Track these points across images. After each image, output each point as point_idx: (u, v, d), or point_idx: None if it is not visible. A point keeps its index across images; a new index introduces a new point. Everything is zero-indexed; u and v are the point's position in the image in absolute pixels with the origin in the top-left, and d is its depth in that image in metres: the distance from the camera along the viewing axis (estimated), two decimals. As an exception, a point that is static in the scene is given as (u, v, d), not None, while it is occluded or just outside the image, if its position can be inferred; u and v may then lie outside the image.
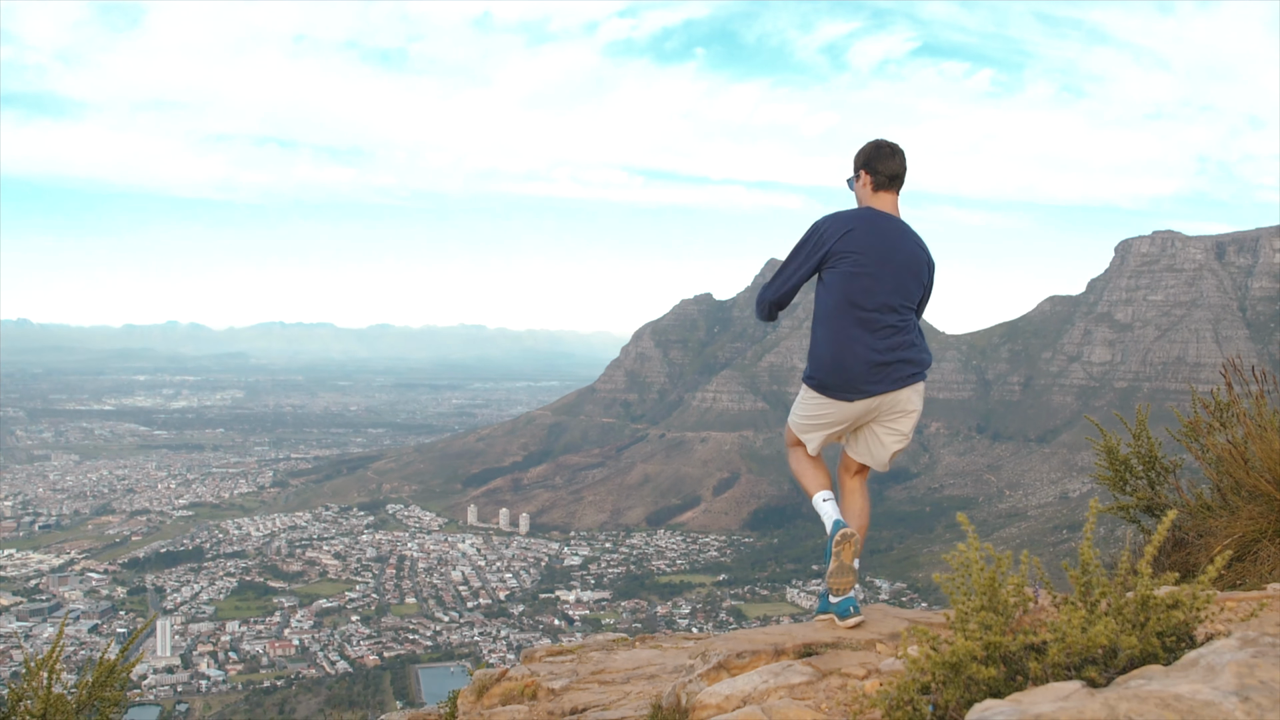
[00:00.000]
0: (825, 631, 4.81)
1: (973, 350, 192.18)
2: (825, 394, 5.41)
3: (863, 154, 5.48)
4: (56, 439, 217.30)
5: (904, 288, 5.35)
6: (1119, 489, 6.16)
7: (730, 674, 4.14)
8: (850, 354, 5.27)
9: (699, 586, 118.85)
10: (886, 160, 5.40)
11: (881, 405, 5.37)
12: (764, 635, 4.70)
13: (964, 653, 2.76)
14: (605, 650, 6.19)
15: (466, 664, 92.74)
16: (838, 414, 5.45)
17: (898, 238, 5.35)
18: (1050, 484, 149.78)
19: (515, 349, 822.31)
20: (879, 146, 5.43)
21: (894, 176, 5.42)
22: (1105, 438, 6.08)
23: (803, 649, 4.43)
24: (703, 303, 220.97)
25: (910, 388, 5.39)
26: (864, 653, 4.42)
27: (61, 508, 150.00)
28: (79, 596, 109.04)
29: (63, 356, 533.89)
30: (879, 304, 5.28)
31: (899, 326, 5.34)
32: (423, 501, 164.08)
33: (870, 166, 5.43)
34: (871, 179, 5.45)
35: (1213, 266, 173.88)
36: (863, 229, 5.28)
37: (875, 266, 5.25)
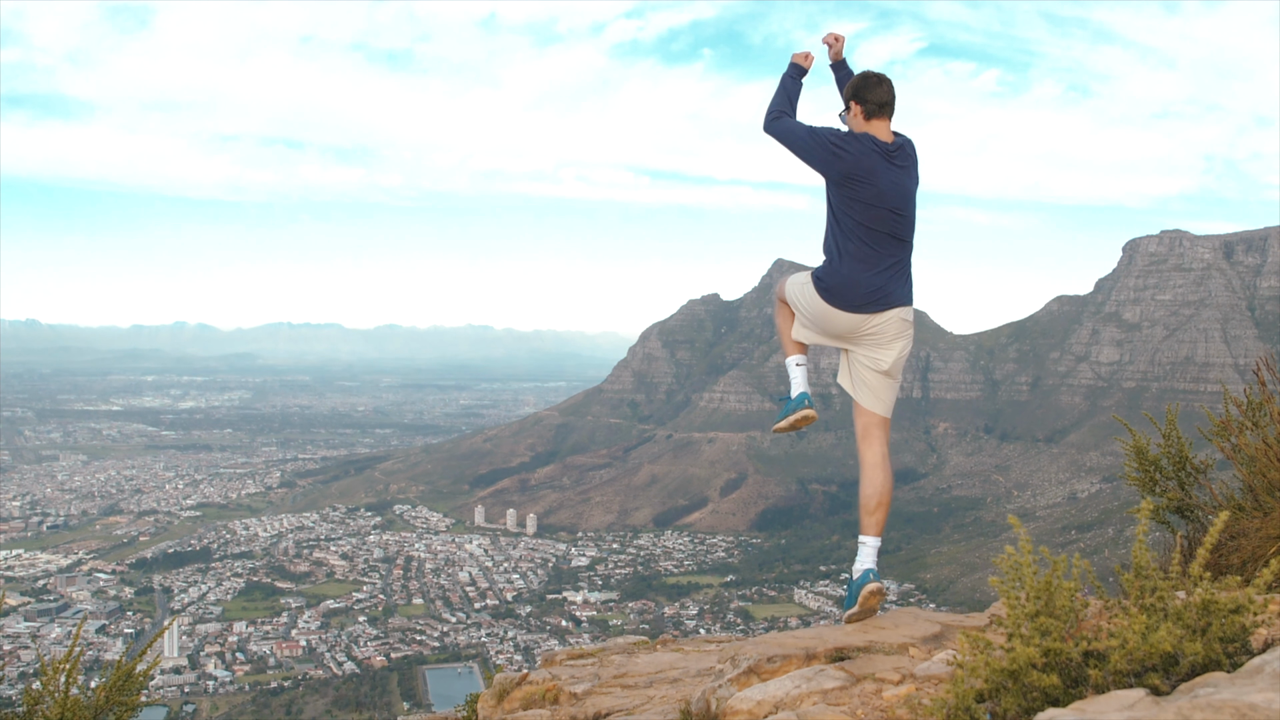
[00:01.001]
0: (857, 635, 4.73)
1: (980, 350, 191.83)
2: (826, 298, 5.66)
3: (851, 86, 5.68)
4: (64, 439, 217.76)
5: (909, 221, 5.62)
6: (1148, 490, 6.05)
7: (761, 679, 4.06)
8: (857, 274, 5.54)
9: (706, 587, 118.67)
10: (874, 89, 5.60)
11: (865, 327, 5.64)
12: (794, 639, 4.61)
13: (1024, 660, 2.67)
14: (626, 653, 6.10)
15: (474, 665, 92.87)
16: (828, 321, 5.72)
17: (903, 176, 5.58)
18: (1059, 484, 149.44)
19: (522, 349, 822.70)
20: (865, 76, 5.66)
21: (883, 104, 5.61)
22: (1134, 438, 5.97)
23: (835, 653, 4.34)
24: (710, 303, 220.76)
25: (896, 315, 5.62)
26: (897, 657, 4.33)
27: (69, 508, 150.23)
28: (87, 597, 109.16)
29: (71, 357, 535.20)
30: (888, 234, 5.55)
31: (900, 258, 5.64)
32: (430, 502, 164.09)
33: (859, 97, 5.63)
34: (862, 108, 5.63)
35: (1221, 266, 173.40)
36: (882, 166, 5.50)
37: (889, 200, 5.49)
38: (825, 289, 5.63)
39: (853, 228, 5.52)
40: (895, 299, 5.59)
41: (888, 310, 5.58)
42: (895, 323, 5.61)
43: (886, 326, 5.61)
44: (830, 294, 5.61)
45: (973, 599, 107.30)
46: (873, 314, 5.57)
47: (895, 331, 5.65)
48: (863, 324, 5.62)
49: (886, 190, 5.47)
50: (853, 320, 5.62)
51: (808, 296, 5.77)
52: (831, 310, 5.64)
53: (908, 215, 5.58)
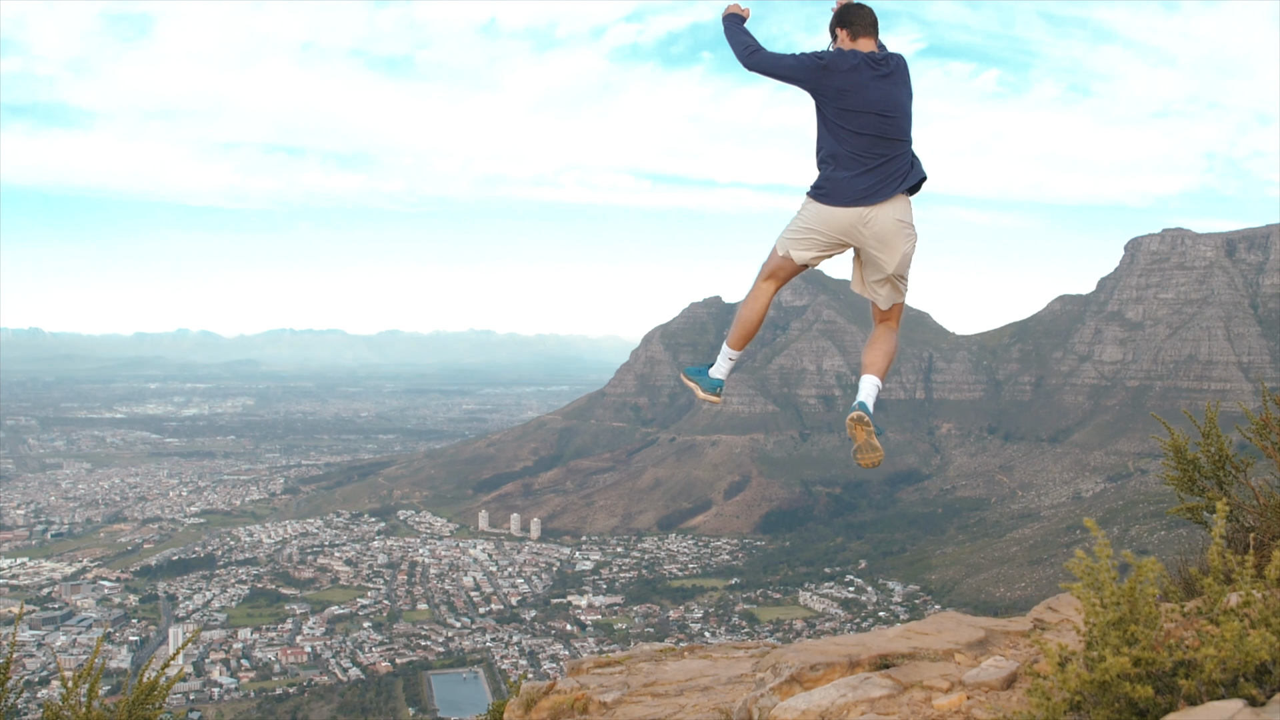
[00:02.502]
0: (900, 641, 4.63)
1: (983, 351, 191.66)
2: (825, 201, 5.95)
3: (835, 16, 6.15)
4: (68, 447, 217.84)
5: (897, 123, 5.91)
6: (1187, 489, 5.95)
7: (804, 687, 3.96)
8: (850, 176, 5.87)
9: (711, 590, 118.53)
10: (856, 12, 6.07)
11: (865, 226, 5.93)
12: (835, 645, 4.51)
13: (1116, 670, 2.57)
14: (654, 661, 6.00)
15: (479, 670, 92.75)
16: (829, 221, 5.98)
17: (887, 82, 5.92)
18: (1063, 484, 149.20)
19: (525, 354, 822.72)
20: (846, 6, 6.11)
21: (869, 24, 6.06)
22: (1173, 436, 5.86)
23: (879, 660, 4.24)
24: (712, 305, 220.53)
25: (892, 215, 5.91)
26: (944, 664, 4.22)
27: (73, 516, 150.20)
28: (91, 604, 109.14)
29: (74, 365, 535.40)
30: (876, 136, 5.86)
31: (890, 155, 5.89)
32: (434, 507, 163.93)
33: (844, 21, 6.08)
34: (848, 31, 6.06)
35: (1223, 264, 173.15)
36: (866, 73, 5.86)
37: (876, 105, 5.83)
38: (823, 194, 5.96)
39: (844, 135, 5.85)
40: (890, 191, 5.87)
41: (884, 202, 5.87)
42: (892, 223, 5.90)
43: (885, 226, 5.90)
44: (828, 196, 5.93)
45: (978, 600, 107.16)
46: (870, 206, 5.86)
47: (894, 230, 5.94)
48: (860, 219, 5.90)
49: (873, 95, 5.82)
50: (851, 215, 5.91)
51: (806, 213, 6.08)
52: (831, 210, 5.93)
53: (895, 117, 5.88)
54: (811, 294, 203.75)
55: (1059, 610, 5.36)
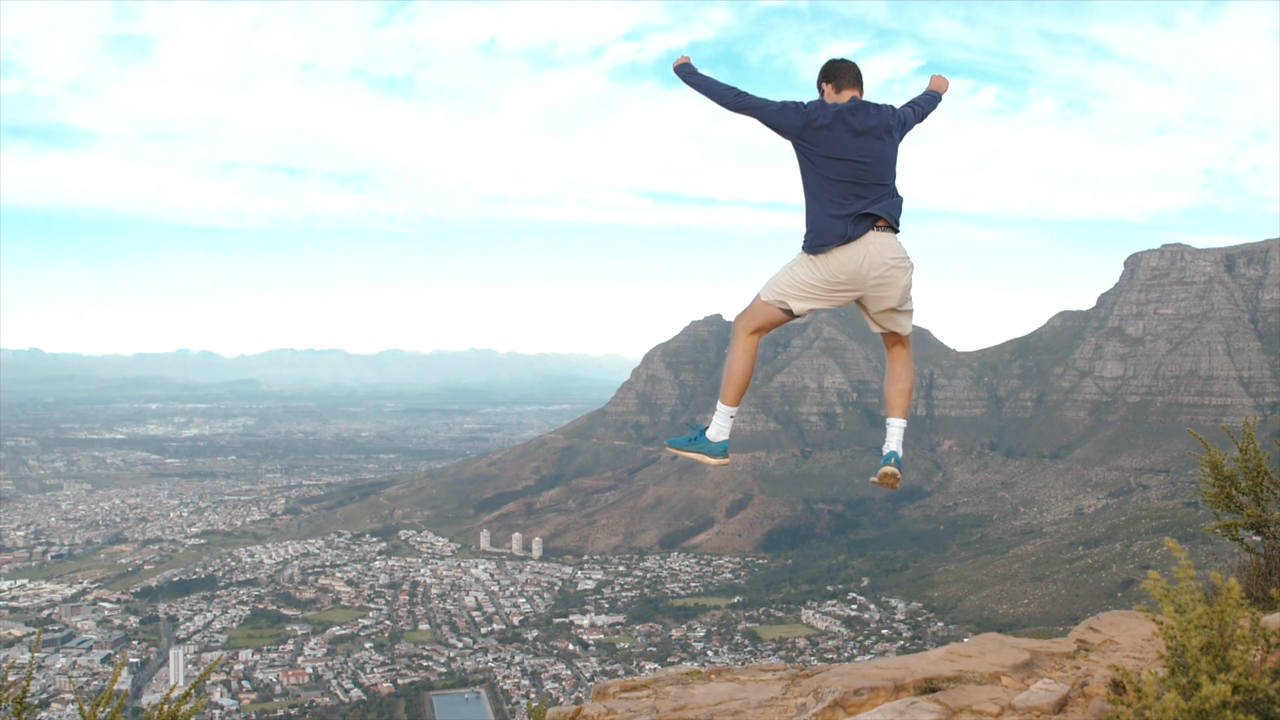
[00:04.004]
0: (944, 664, 4.53)
1: (984, 367, 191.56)
2: (821, 251, 6.19)
3: (821, 73, 6.50)
4: (68, 468, 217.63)
5: (874, 168, 6.18)
6: (1223, 506, 5.85)
7: (848, 713, 3.87)
8: (833, 220, 6.14)
9: (714, 609, 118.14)
10: (840, 67, 6.40)
11: (863, 271, 6.16)
12: (878, 669, 4.41)
13: (1217, 699, 2.43)
14: (681, 684, 5.90)
15: (481, 690, 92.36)
16: (830, 275, 6.21)
17: (870, 133, 6.19)
18: (1065, 500, 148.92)
19: (526, 373, 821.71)
20: (830, 62, 6.47)
21: (853, 78, 6.37)
22: (1209, 452, 5.77)
23: (924, 684, 4.14)
24: (713, 323, 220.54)
25: (882, 258, 6.15)
26: (990, 687, 4.13)
27: (74, 537, 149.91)
28: (92, 626, 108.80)
29: (74, 385, 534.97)
30: (853, 181, 6.13)
31: (869, 200, 6.15)
32: (435, 527, 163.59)
33: (828, 76, 6.41)
34: (832, 84, 6.38)
35: (1223, 279, 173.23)
36: (842, 121, 6.15)
37: (853, 152, 6.13)
38: (812, 245, 6.21)
39: (825, 182, 6.16)
40: (869, 225, 6.12)
41: (873, 245, 6.11)
42: (886, 265, 6.16)
43: (880, 270, 6.16)
44: (823, 246, 6.15)
45: (981, 617, 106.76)
46: (857, 247, 6.10)
47: (889, 269, 6.19)
48: (857, 269, 6.14)
49: (851, 144, 6.12)
50: (848, 265, 6.13)
51: (803, 269, 6.31)
52: (828, 262, 6.17)
53: (872, 164, 6.15)
54: (812, 311, 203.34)
55: (1101, 630, 5.27)
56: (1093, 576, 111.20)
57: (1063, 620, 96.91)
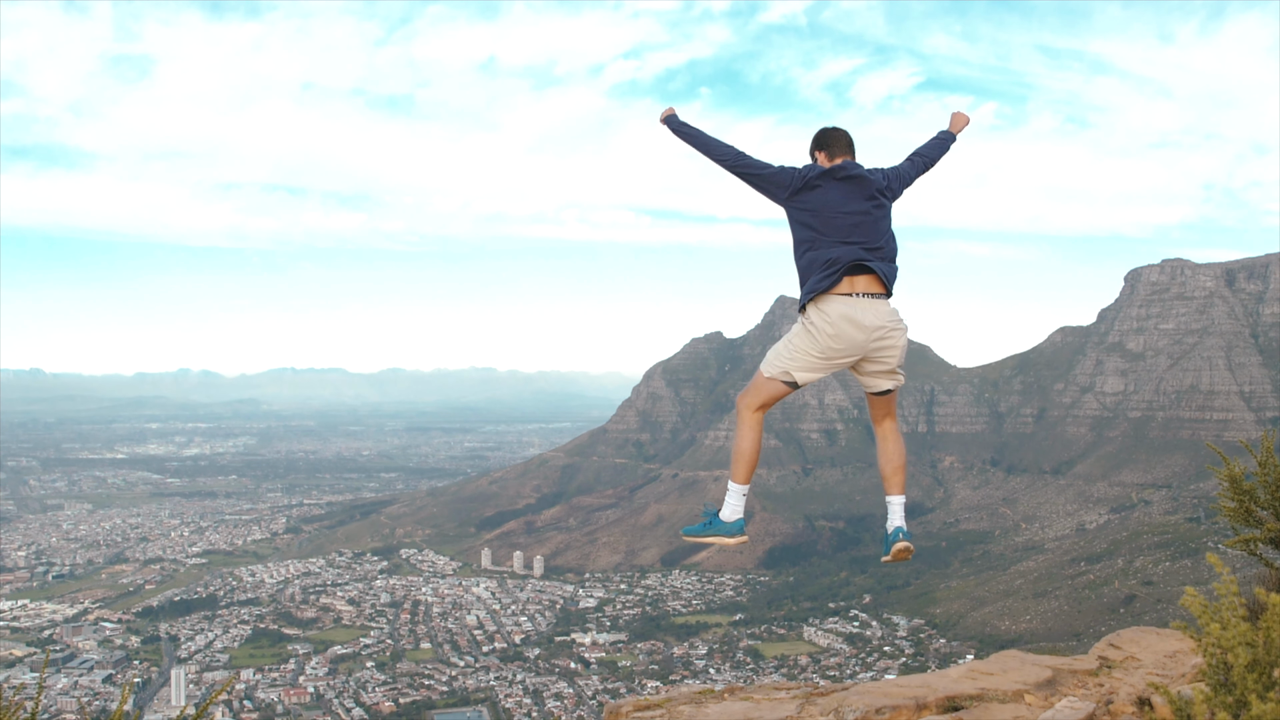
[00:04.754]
0: (965, 682, 4.56)
1: (984, 383, 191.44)
2: (817, 315, 6.32)
3: (813, 141, 6.67)
4: (70, 488, 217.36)
5: (862, 227, 6.32)
6: (1243, 521, 5.87)
7: (870, 731, 3.89)
8: (823, 273, 6.30)
9: (715, 626, 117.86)
10: (832, 135, 6.58)
11: (857, 332, 6.27)
12: (899, 688, 4.45)
13: (1270, 716, 2.40)
14: (694, 703, 5.92)
15: (483, 709, 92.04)
16: (831, 340, 6.34)
17: (848, 185, 6.36)
18: (1066, 516, 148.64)
19: (526, 391, 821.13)
20: (822, 130, 6.65)
21: (845, 146, 6.54)
22: (1228, 466, 5.79)
23: (946, 702, 4.18)
24: (713, 341, 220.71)
25: (879, 314, 6.30)
26: (1014, 705, 4.16)
27: (75, 557, 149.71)
28: (93, 646, 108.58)
29: (75, 405, 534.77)
30: (841, 242, 6.29)
31: (861, 244, 6.32)
32: (436, 546, 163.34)
33: (821, 145, 6.59)
34: (825, 153, 6.55)
35: (1223, 293, 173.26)
36: (830, 180, 6.35)
37: (840, 206, 6.32)
38: (806, 295, 6.36)
39: (815, 238, 6.32)
40: (858, 254, 6.27)
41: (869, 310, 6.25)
42: (883, 328, 6.30)
43: (878, 333, 6.30)
44: (809, 294, 6.33)
45: (983, 633, 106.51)
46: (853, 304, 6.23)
47: (885, 331, 6.32)
48: (846, 328, 6.24)
49: (837, 201, 6.30)
50: (847, 330, 6.24)
51: (796, 335, 6.49)
52: (820, 327, 6.29)
53: (860, 223, 6.30)
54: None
55: (1121, 647, 5.30)
56: (1095, 592, 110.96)
57: (1065, 636, 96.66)
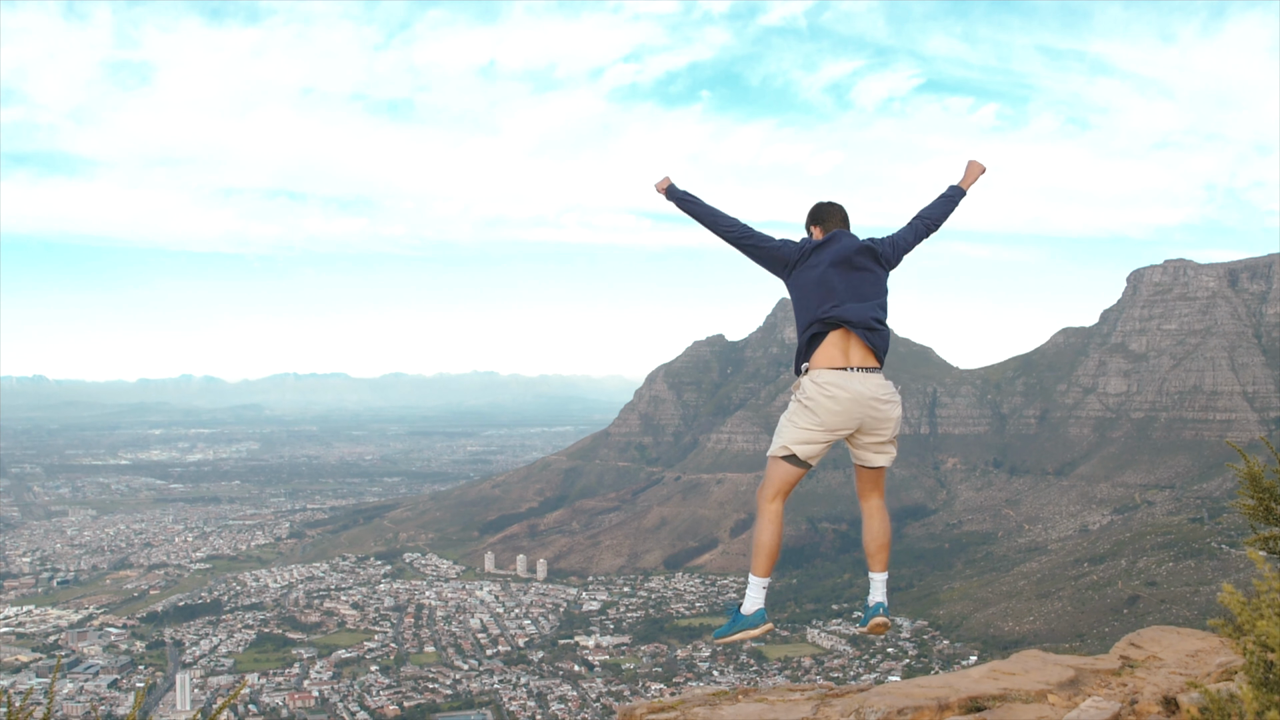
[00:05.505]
0: (987, 682, 4.63)
1: (987, 385, 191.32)
2: (813, 377, 6.54)
3: (809, 215, 6.98)
4: (73, 494, 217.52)
5: (855, 297, 6.56)
6: (1262, 519, 5.92)
7: (893, 732, 3.95)
8: (820, 311, 6.57)
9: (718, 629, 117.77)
10: (827, 210, 6.89)
11: (851, 401, 6.47)
12: (920, 689, 4.51)
13: None
14: (708, 705, 5.98)
15: (487, 713, 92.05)
16: (820, 409, 6.51)
17: (846, 261, 6.62)
18: (1070, 517, 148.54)
19: (528, 395, 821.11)
20: (818, 205, 6.95)
21: (840, 220, 6.85)
22: (1248, 463, 5.84)
23: (969, 703, 4.24)
24: (715, 344, 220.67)
25: (875, 386, 6.55)
26: (1038, 705, 4.22)
27: (79, 563, 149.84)
28: (98, 651, 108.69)
29: (78, 412, 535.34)
30: (835, 306, 6.54)
31: (854, 299, 6.60)
32: (440, 550, 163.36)
33: (817, 219, 6.91)
34: (820, 227, 6.87)
35: (1226, 294, 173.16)
36: (826, 249, 6.64)
37: (833, 275, 6.57)
38: (800, 356, 6.64)
39: (809, 308, 6.58)
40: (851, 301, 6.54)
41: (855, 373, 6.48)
42: (878, 399, 6.52)
43: (874, 402, 6.52)
44: (803, 357, 6.62)
45: (987, 635, 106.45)
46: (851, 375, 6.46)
47: (881, 401, 6.55)
48: (842, 396, 6.43)
49: (830, 271, 6.54)
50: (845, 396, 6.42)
51: (793, 412, 6.66)
52: (815, 399, 6.47)
53: (853, 291, 6.54)
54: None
55: (1142, 646, 5.36)
56: (1098, 593, 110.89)
57: (1069, 637, 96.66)
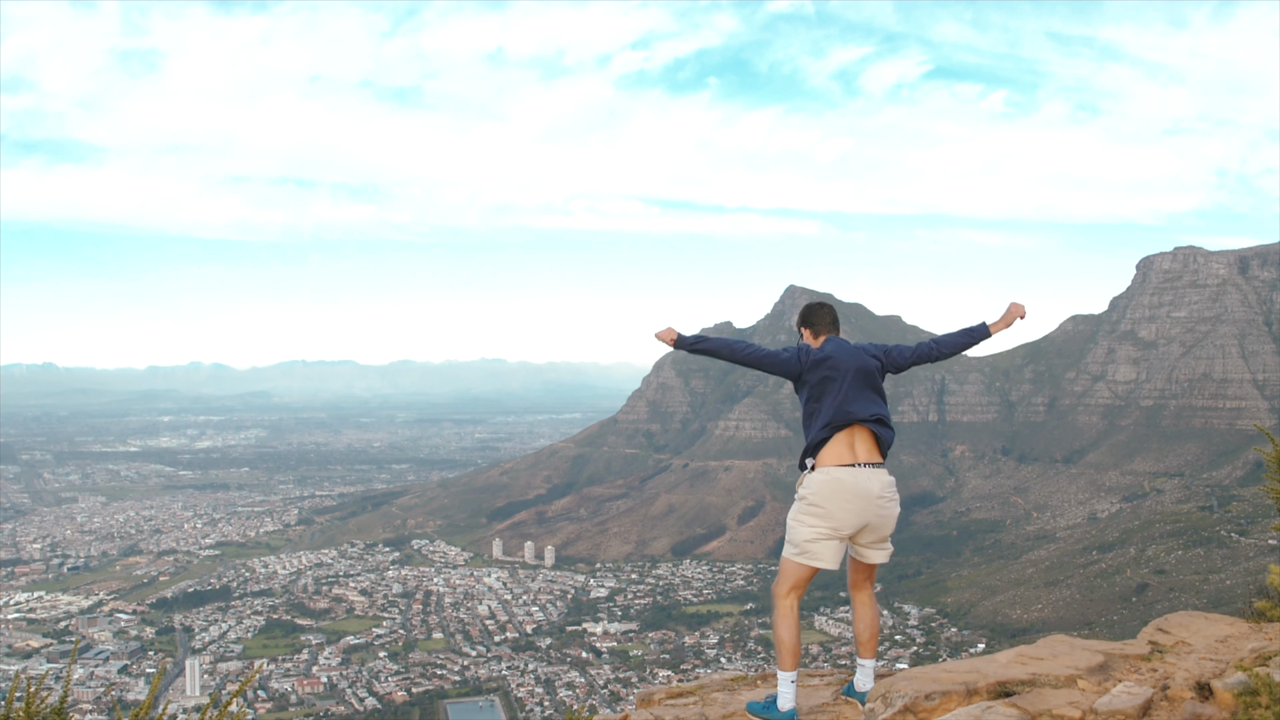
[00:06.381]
0: (1015, 667, 4.54)
1: (996, 372, 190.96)
2: (821, 474, 6.77)
3: (799, 316, 7.26)
4: (83, 481, 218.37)
5: (855, 398, 6.84)
6: (1290, 503, 5.81)
7: (918, 718, 3.87)
8: (820, 428, 6.85)
9: (726, 616, 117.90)
10: (817, 313, 7.16)
11: (857, 497, 6.71)
12: (947, 673, 4.42)
13: None
14: (728, 690, 5.91)
15: (495, 699, 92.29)
16: (829, 505, 6.70)
17: (843, 367, 6.89)
18: (1078, 505, 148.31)
19: (536, 382, 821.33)
20: (808, 307, 7.22)
21: (829, 323, 7.12)
22: (1275, 445, 5.75)
23: (998, 688, 4.16)
24: (722, 331, 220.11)
25: (882, 482, 6.87)
26: (1068, 690, 4.13)
27: (89, 549, 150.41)
28: (108, 637, 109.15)
29: (88, 399, 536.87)
30: (839, 406, 6.81)
31: (861, 398, 6.93)
32: (448, 536, 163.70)
33: (808, 322, 7.17)
34: (810, 330, 7.13)
35: (1236, 281, 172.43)
36: (823, 358, 6.92)
37: (845, 382, 6.83)
38: (814, 477, 6.76)
39: (815, 410, 6.83)
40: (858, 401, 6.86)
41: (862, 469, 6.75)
42: (884, 497, 6.83)
43: (880, 498, 6.79)
44: (808, 453, 6.83)
45: (995, 622, 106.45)
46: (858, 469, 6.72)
47: (886, 498, 6.85)
48: (845, 490, 6.64)
49: (831, 378, 6.82)
50: (856, 493, 6.66)
51: (802, 512, 6.77)
52: (821, 496, 6.67)
53: (853, 393, 6.81)
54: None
55: (1170, 632, 5.27)
56: (1107, 581, 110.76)
57: (1077, 625, 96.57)
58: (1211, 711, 3.03)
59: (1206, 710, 3.52)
